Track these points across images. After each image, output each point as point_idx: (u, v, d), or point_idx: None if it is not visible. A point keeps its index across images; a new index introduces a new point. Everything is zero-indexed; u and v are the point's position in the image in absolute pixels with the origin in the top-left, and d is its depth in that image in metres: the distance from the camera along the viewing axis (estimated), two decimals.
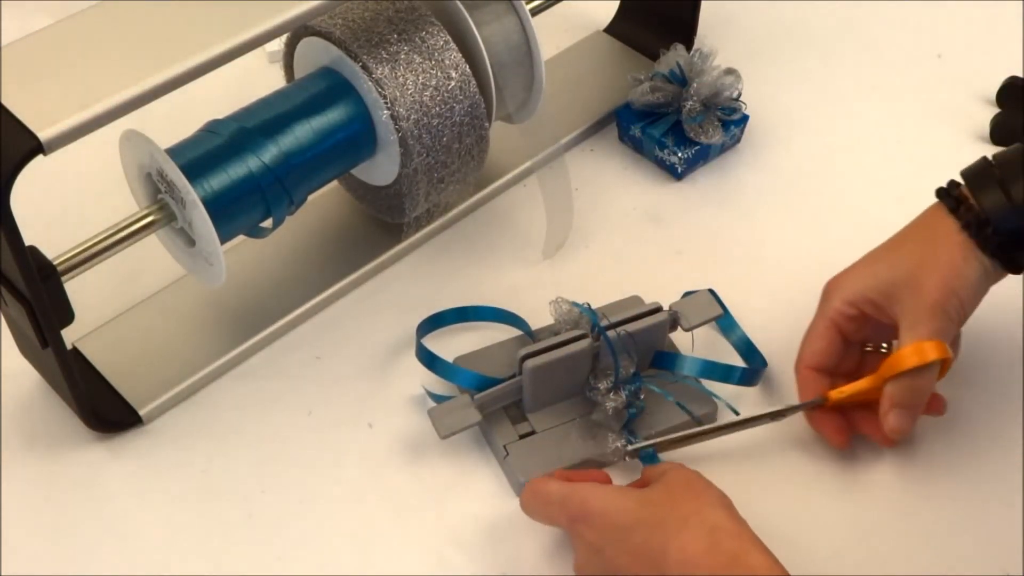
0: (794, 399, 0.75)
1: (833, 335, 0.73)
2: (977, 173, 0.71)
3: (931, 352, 0.69)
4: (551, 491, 0.66)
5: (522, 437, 0.74)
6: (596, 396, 0.74)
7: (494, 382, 0.75)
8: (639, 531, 0.62)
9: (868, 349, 0.77)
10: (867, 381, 0.72)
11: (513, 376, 0.75)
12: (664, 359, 0.77)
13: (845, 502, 0.73)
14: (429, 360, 0.77)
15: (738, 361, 0.80)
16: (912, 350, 0.69)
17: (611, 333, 0.74)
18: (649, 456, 0.72)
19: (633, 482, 0.69)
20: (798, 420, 0.75)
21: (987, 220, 0.69)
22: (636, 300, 0.82)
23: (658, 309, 0.76)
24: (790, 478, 0.74)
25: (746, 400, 0.78)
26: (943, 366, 0.71)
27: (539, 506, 0.67)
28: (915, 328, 0.69)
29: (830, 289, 0.74)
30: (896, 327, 0.71)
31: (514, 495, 0.73)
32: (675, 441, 0.72)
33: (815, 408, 0.74)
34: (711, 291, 0.81)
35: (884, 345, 0.77)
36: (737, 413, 0.74)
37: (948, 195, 0.72)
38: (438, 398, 0.77)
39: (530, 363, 0.73)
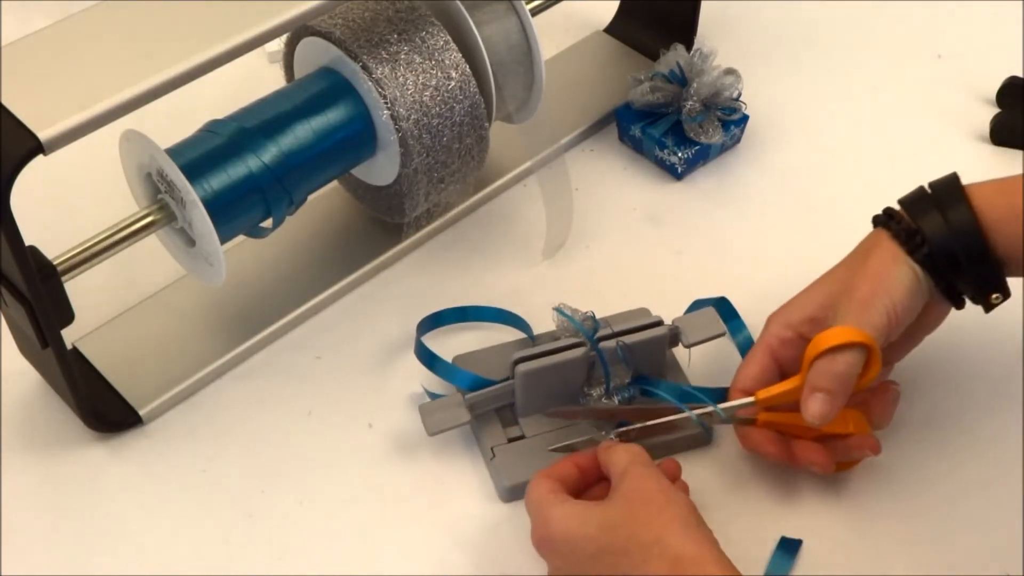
0: None
1: (766, 360, 0.73)
2: (915, 200, 0.72)
3: (852, 335, 0.67)
4: (528, 499, 0.67)
5: (511, 441, 0.74)
6: (588, 404, 0.74)
7: (490, 383, 0.75)
8: (604, 559, 0.63)
9: None
10: (794, 380, 0.71)
11: (507, 379, 0.75)
12: (646, 385, 0.76)
13: (839, 503, 0.73)
14: (428, 358, 0.77)
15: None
16: (832, 332, 0.68)
17: (608, 344, 0.73)
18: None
19: (589, 459, 0.69)
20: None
21: (917, 230, 0.70)
22: (643, 312, 0.80)
23: (659, 323, 0.76)
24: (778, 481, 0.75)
25: None
26: (868, 366, 0.69)
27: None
28: (841, 320, 0.69)
29: (769, 319, 0.74)
30: None
31: (499, 498, 0.73)
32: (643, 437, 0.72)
33: (746, 424, 0.72)
34: (724, 299, 0.80)
35: None
36: (728, 421, 0.73)
37: (884, 216, 0.72)
38: (437, 398, 0.76)
39: (522, 367, 0.73)
